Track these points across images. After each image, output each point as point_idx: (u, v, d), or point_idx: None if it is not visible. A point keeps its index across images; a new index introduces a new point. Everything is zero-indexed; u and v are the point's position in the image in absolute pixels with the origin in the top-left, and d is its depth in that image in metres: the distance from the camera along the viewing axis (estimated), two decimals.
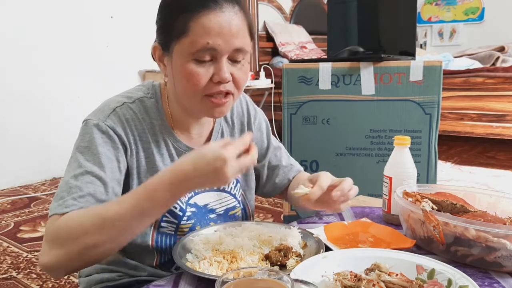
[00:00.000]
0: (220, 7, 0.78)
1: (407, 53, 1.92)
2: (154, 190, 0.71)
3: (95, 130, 0.82)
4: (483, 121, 3.44)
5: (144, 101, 0.89)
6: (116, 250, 0.76)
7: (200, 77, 0.79)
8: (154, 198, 0.71)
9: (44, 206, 2.69)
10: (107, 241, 0.72)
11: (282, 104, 1.83)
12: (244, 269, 0.58)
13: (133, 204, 0.71)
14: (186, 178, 0.70)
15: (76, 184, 0.77)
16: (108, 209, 0.73)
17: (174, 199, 0.73)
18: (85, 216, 0.73)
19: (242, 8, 0.82)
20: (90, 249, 0.71)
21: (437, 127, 1.75)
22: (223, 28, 0.77)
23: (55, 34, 3.20)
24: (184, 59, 0.79)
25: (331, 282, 0.65)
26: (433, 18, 6.01)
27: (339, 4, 2.05)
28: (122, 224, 0.71)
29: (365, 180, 1.79)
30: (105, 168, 0.80)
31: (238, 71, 0.83)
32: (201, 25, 0.77)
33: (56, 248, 0.72)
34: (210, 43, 0.77)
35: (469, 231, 0.74)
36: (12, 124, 3.05)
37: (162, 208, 0.73)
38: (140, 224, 0.73)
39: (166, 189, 0.70)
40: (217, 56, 0.79)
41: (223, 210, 0.98)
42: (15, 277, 1.78)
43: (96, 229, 0.71)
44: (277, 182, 1.09)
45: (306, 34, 4.72)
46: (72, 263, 0.73)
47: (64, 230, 0.72)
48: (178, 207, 0.90)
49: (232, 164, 0.68)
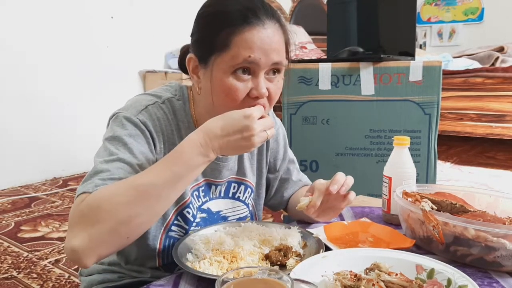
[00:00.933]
0: (263, 24, 0.79)
1: (406, 53, 1.92)
2: (184, 152, 0.72)
3: (127, 122, 0.81)
4: (482, 121, 3.44)
5: (173, 102, 0.89)
6: (150, 224, 0.73)
7: (239, 92, 0.80)
8: (185, 160, 0.71)
9: (44, 206, 2.69)
10: (142, 211, 0.68)
11: (282, 104, 1.83)
12: (244, 269, 0.58)
13: (165, 169, 0.71)
14: (215, 137, 0.72)
15: (106, 167, 0.75)
16: (139, 177, 0.71)
17: (204, 160, 0.73)
18: (115, 188, 0.70)
19: (282, 25, 0.84)
20: (124, 224, 0.68)
21: (436, 127, 1.75)
22: (264, 43, 0.79)
23: (55, 34, 3.20)
24: (224, 73, 0.80)
25: (331, 281, 0.65)
26: (433, 19, 6.01)
27: (339, 4, 2.05)
28: (156, 191, 0.69)
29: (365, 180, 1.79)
30: (137, 157, 0.78)
31: (274, 87, 0.84)
32: (244, 40, 0.78)
33: (84, 228, 0.67)
34: (251, 56, 0.78)
35: (469, 231, 0.74)
36: (12, 124, 3.05)
37: (194, 170, 0.73)
38: (174, 190, 0.72)
39: (197, 150, 0.72)
40: (256, 70, 0.80)
41: (236, 218, 0.98)
42: (16, 276, 1.78)
43: (129, 199, 0.68)
44: (284, 196, 1.10)
45: (306, 35, 4.72)
46: (103, 245, 0.68)
47: (94, 207, 0.68)
48: (191, 212, 0.90)
49: (258, 121, 0.73)
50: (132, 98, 0.89)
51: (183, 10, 3.35)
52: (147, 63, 3.74)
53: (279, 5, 4.82)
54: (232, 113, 0.74)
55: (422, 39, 6.02)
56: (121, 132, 0.80)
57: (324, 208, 0.88)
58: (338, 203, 0.88)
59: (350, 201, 0.88)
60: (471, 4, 5.72)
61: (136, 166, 0.77)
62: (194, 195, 0.91)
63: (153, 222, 0.73)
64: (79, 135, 3.33)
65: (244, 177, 1.00)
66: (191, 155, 0.71)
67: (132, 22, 3.64)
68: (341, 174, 0.86)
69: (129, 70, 3.71)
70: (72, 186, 3.11)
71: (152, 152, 0.83)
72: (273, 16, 0.82)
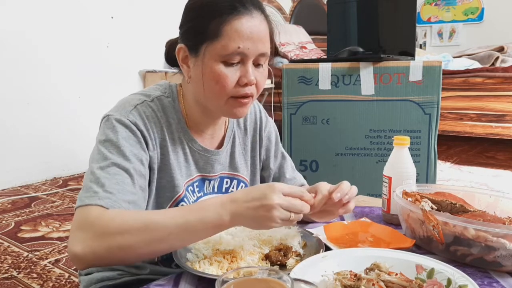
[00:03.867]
0: (251, 14, 0.83)
1: (406, 53, 1.92)
2: (203, 207, 0.73)
3: (118, 124, 0.83)
4: (482, 121, 3.44)
5: (162, 99, 0.91)
6: (146, 258, 0.76)
7: (228, 79, 0.83)
8: (202, 215, 0.72)
9: (44, 206, 2.69)
10: (142, 245, 0.71)
11: (282, 104, 1.84)
12: (244, 269, 0.58)
13: (180, 216, 0.73)
14: (236, 200, 0.73)
15: (104, 175, 0.78)
16: (154, 214, 0.75)
17: (217, 220, 0.72)
18: (130, 216, 0.73)
19: (266, 15, 0.87)
20: (123, 249, 0.71)
21: (436, 127, 1.76)
22: (253, 33, 0.82)
23: (55, 34, 3.20)
24: (214, 61, 0.83)
25: (331, 281, 0.65)
26: (433, 18, 6.01)
27: (339, 4, 2.05)
28: (164, 231, 0.71)
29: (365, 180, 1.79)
30: (130, 160, 0.81)
31: (260, 75, 0.87)
32: (234, 29, 0.81)
33: (89, 239, 0.71)
34: (241, 47, 0.81)
35: (469, 231, 0.74)
36: (12, 123, 3.05)
37: (207, 229, 0.73)
38: (181, 238, 0.73)
39: (215, 209, 0.72)
40: (245, 59, 0.83)
41: None
42: (16, 276, 1.78)
43: (136, 229, 0.71)
44: None
45: (306, 34, 4.72)
46: (99, 260, 0.73)
47: (105, 223, 0.72)
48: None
49: (280, 195, 0.71)
50: (122, 99, 0.91)
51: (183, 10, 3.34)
52: (147, 63, 3.73)
53: (279, 5, 4.82)
54: (260, 185, 0.77)
55: (422, 39, 6.02)
56: (113, 135, 0.82)
57: (321, 210, 0.88)
58: (336, 209, 0.89)
59: (349, 210, 0.89)
60: (471, 4, 5.72)
61: (131, 169, 0.80)
62: (189, 190, 0.93)
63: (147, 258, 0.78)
64: (79, 135, 3.33)
65: (236, 172, 1.02)
66: (208, 210, 0.73)
67: (132, 22, 3.64)
68: (346, 184, 0.87)
69: (129, 70, 3.71)
70: (72, 186, 3.11)
71: (145, 151, 0.85)
72: (258, 6, 0.85)
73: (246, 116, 1.05)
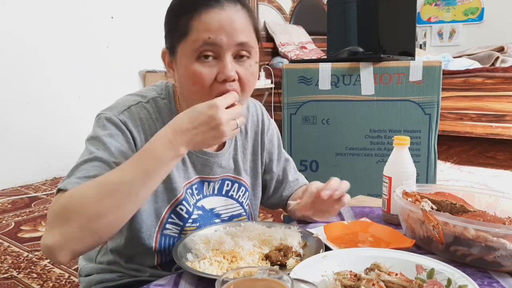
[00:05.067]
0: (221, 6, 0.78)
1: (406, 53, 1.92)
2: (153, 149, 0.72)
3: (107, 122, 0.83)
4: (482, 121, 3.44)
5: (157, 101, 0.90)
6: (121, 222, 0.72)
7: (204, 77, 0.78)
8: (156, 156, 0.71)
9: (44, 206, 2.69)
10: (110, 209, 0.69)
11: (282, 104, 1.83)
12: (244, 269, 0.58)
13: (136, 165, 0.71)
14: (182, 131, 0.72)
15: (84, 167, 0.77)
16: (109, 175, 0.72)
17: (174, 156, 0.72)
18: (86, 187, 0.71)
19: (244, 6, 0.82)
20: (93, 221, 0.68)
21: (436, 127, 1.76)
22: (224, 23, 0.77)
23: (56, 34, 3.20)
24: (188, 60, 0.79)
25: (331, 281, 0.65)
26: (433, 19, 6.01)
27: (339, 4, 2.05)
28: (125, 188, 0.69)
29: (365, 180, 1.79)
30: (114, 155, 0.79)
31: (245, 71, 0.81)
32: (202, 22, 0.77)
33: (57, 226, 0.69)
34: (211, 37, 0.77)
35: (469, 231, 0.74)
36: (12, 123, 3.05)
37: (164, 166, 0.72)
38: (143, 187, 0.71)
39: (166, 146, 0.71)
40: (221, 52, 0.78)
41: (228, 216, 0.98)
42: (16, 276, 1.78)
43: (98, 196, 0.68)
44: (283, 195, 1.10)
45: (306, 35, 4.72)
46: (74, 242, 0.69)
47: (65, 205, 0.70)
48: (185, 209, 0.90)
49: (224, 110, 0.72)
50: (118, 99, 0.90)
51: None
52: (147, 63, 3.73)
53: (279, 5, 4.82)
54: (197, 105, 0.74)
55: (422, 39, 6.02)
56: (101, 132, 0.81)
57: (319, 209, 0.88)
58: (332, 206, 0.88)
59: (344, 203, 0.88)
60: (471, 4, 5.72)
61: (112, 164, 0.77)
62: (188, 193, 0.91)
63: (124, 220, 0.72)
64: (79, 134, 3.32)
65: (238, 175, 1.00)
66: (160, 152, 0.71)
67: (132, 22, 3.64)
68: (335, 180, 0.86)
69: (129, 70, 3.71)
70: None
71: (133, 151, 0.83)
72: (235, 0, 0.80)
73: (247, 119, 1.02)
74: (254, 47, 0.82)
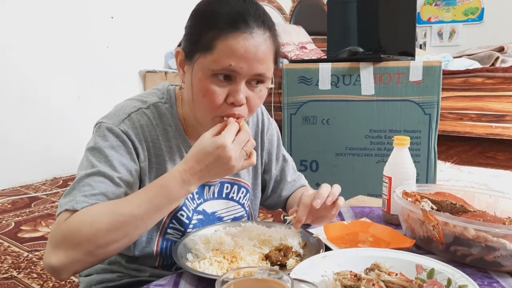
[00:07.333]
0: (251, 31, 0.76)
1: (406, 53, 1.92)
2: (168, 187, 0.74)
3: (108, 133, 0.82)
4: (482, 121, 3.44)
5: (158, 106, 0.89)
6: (126, 247, 0.76)
7: (216, 96, 0.78)
8: (170, 193, 0.74)
9: (44, 206, 2.69)
10: (120, 238, 0.72)
11: (282, 104, 1.84)
12: (244, 269, 0.58)
13: (149, 202, 0.73)
14: (194, 173, 0.74)
15: (88, 182, 0.77)
16: (121, 206, 0.73)
17: (186, 193, 0.75)
18: (97, 215, 0.72)
19: (272, 34, 0.81)
20: (102, 249, 0.72)
21: (436, 127, 1.76)
22: (249, 52, 0.76)
23: (55, 34, 3.20)
24: (204, 74, 0.78)
25: (331, 281, 0.65)
26: (433, 19, 6.01)
27: (339, 5, 2.05)
28: (136, 221, 0.72)
29: (365, 180, 1.79)
30: (117, 170, 0.79)
31: (254, 96, 0.81)
32: (228, 46, 0.75)
33: (64, 248, 0.71)
34: (232, 65, 0.76)
35: (469, 231, 0.74)
36: (12, 124, 3.05)
37: (175, 202, 0.75)
38: (153, 220, 0.75)
39: (179, 185, 0.73)
40: (237, 78, 0.78)
41: (231, 218, 0.98)
42: (16, 276, 1.78)
43: (109, 227, 0.71)
44: (282, 196, 1.10)
45: (306, 35, 4.71)
46: (79, 265, 0.73)
47: (75, 230, 0.71)
48: (185, 215, 0.90)
49: (232, 147, 0.73)
50: (117, 104, 0.89)
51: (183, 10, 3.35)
52: (147, 63, 3.73)
53: (279, 5, 4.82)
54: (204, 144, 0.74)
55: (422, 39, 6.02)
56: (103, 143, 0.81)
57: (316, 217, 0.87)
58: (328, 212, 0.87)
59: (340, 207, 0.87)
60: (471, 4, 5.72)
61: (116, 179, 0.79)
62: (188, 198, 0.91)
63: (129, 244, 0.77)
64: (79, 134, 3.32)
65: (237, 177, 1.00)
66: (175, 191, 0.74)
67: (132, 22, 3.64)
68: (325, 187, 0.85)
69: (129, 70, 3.71)
70: None
71: (135, 161, 0.83)
72: (263, 24, 0.78)
73: (248, 119, 1.03)
74: (269, 76, 0.82)
